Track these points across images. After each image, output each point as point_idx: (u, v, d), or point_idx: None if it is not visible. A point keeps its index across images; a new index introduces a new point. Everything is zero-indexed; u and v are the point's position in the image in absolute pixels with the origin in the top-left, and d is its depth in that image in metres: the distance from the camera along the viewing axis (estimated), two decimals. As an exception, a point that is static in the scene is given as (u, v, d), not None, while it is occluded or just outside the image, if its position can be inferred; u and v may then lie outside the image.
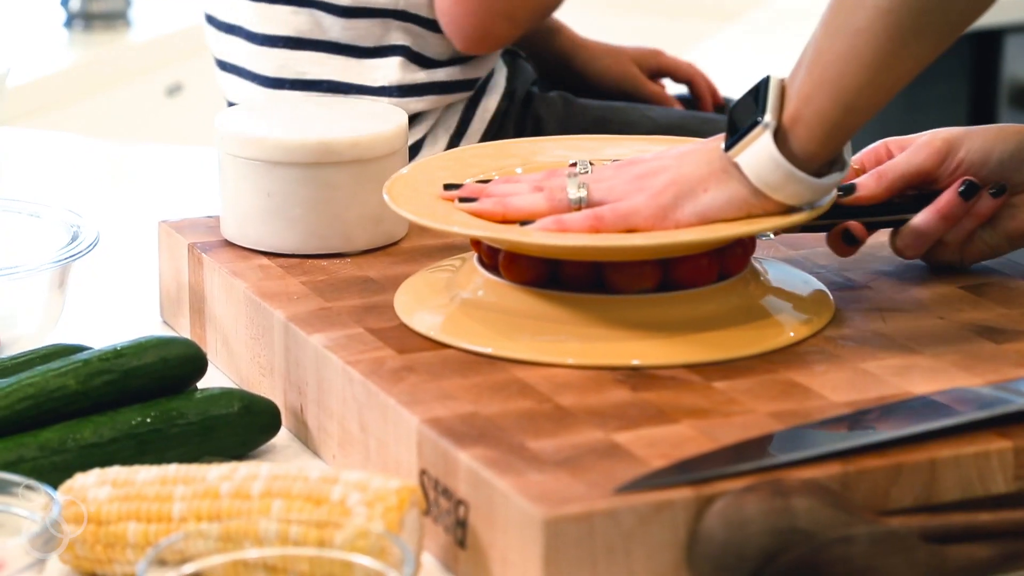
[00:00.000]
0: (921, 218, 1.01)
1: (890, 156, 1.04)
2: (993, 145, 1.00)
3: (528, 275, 0.96)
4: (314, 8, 1.34)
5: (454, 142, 1.36)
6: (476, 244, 1.00)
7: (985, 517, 0.82)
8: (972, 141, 1.00)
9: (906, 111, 2.41)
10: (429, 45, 1.34)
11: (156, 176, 1.55)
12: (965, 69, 2.47)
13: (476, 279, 0.99)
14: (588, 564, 0.78)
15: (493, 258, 0.98)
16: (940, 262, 1.03)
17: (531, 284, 0.96)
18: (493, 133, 1.38)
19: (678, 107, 1.50)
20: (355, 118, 1.14)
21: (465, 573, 0.84)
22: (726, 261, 0.97)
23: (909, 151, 1.02)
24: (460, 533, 0.84)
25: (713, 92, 1.54)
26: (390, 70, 1.33)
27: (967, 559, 0.80)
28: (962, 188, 0.99)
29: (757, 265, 1.00)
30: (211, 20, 1.40)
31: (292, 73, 1.35)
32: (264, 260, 1.09)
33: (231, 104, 1.41)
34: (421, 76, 1.34)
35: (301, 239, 1.10)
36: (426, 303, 0.99)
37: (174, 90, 2.20)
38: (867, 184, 1.01)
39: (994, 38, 2.45)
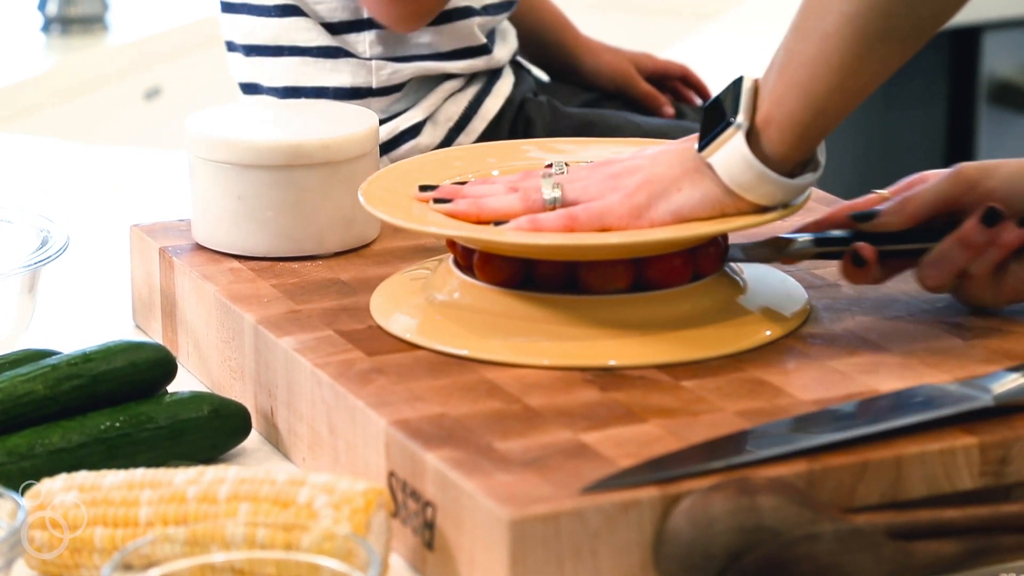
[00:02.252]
0: (941, 246, 0.95)
1: None
2: None
3: (502, 276, 0.96)
4: None
5: (452, 136, 1.36)
6: (452, 246, 1.00)
7: (951, 513, 0.82)
8: (1003, 171, 0.95)
9: (885, 109, 2.41)
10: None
11: (132, 180, 1.55)
12: (944, 67, 2.47)
13: (451, 281, 0.99)
14: (555, 564, 0.79)
15: (468, 260, 0.98)
16: (972, 301, 0.96)
17: (505, 285, 0.96)
18: (489, 134, 1.38)
19: (669, 108, 1.51)
20: (325, 120, 1.14)
21: (433, 575, 0.84)
22: (700, 261, 0.97)
23: (937, 179, 0.96)
24: (428, 535, 0.84)
25: (704, 90, 1.55)
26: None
27: (933, 555, 0.80)
28: (984, 214, 0.93)
29: (731, 265, 1.00)
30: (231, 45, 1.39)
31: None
32: (235, 263, 1.09)
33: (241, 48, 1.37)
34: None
35: (272, 242, 1.10)
36: (402, 305, 1.00)
37: (152, 94, 2.19)
38: (890, 211, 0.96)
39: (972, 35, 2.46)
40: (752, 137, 0.91)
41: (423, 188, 1.01)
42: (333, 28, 1.32)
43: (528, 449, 0.84)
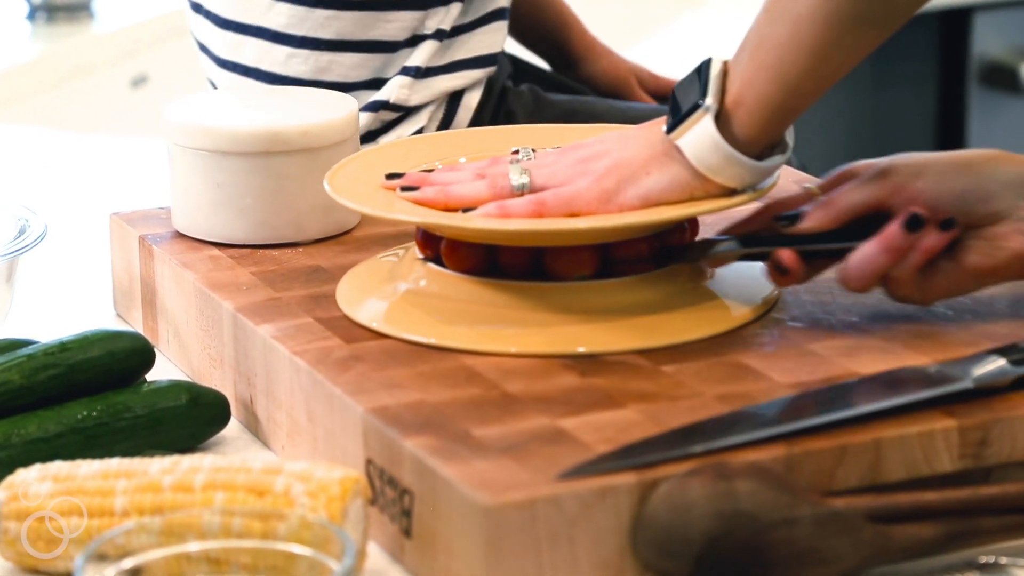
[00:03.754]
0: (863, 250, 0.92)
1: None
2: (955, 175, 0.91)
3: (468, 263, 0.96)
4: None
5: (441, 128, 1.36)
6: (419, 236, 1.00)
7: (931, 496, 0.81)
8: (932, 170, 0.93)
9: (876, 90, 2.40)
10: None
11: (114, 168, 1.54)
12: (934, 48, 2.47)
13: (418, 269, 0.98)
14: (531, 551, 0.78)
15: (432, 248, 0.98)
16: (900, 300, 0.94)
17: (472, 273, 0.96)
18: (473, 124, 1.38)
19: None
20: (304, 106, 1.13)
21: (411, 563, 0.84)
22: (667, 245, 0.96)
23: (863, 178, 0.93)
24: (406, 522, 0.84)
25: None
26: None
27: (912, 538, 0.80)
28: (907, 220, 0.91)
29: (700, 249, 1.00)
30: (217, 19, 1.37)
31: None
32: (215, 251, 1.09)
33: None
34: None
35: (252, 229, 1.09)
36: (368, 294, 0.99)
37: (139, 81, 2.19)
38: (815, 213, 0.93)
39: (963, 16, 2.45)
40: (721, 119, 0.91)
41: (390, 176, 1.00)
42: None
43: (506, 436, 0.84)
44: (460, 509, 0.79)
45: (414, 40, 1.32)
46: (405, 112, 1.33)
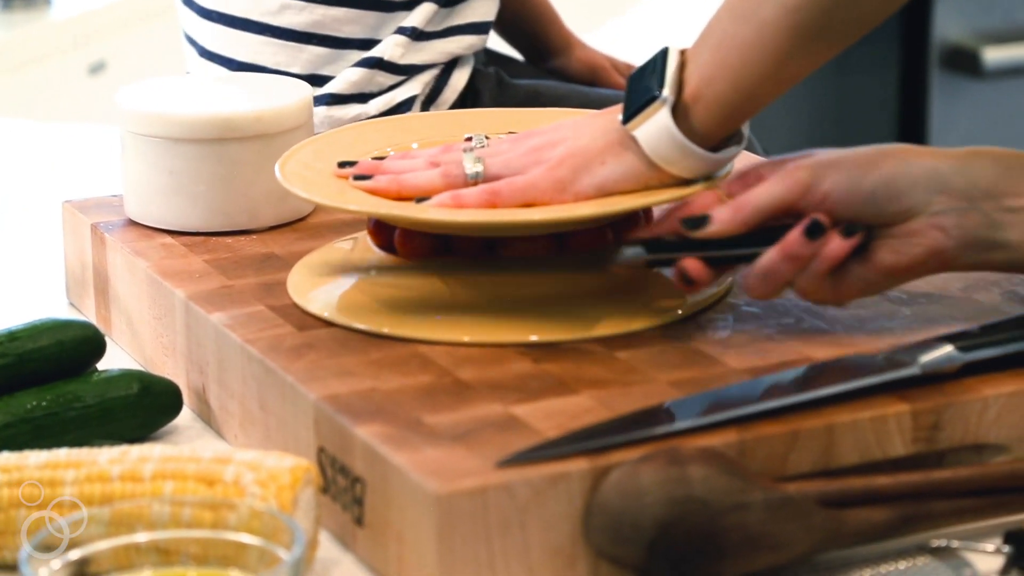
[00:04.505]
0: (765, 259, 0.89)
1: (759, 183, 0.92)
2: (864, 174, 0.88)
3: (421, 252, 0.95)
4: None
5: (425, 109, 1.36)
6: (370, 224, 0.99)
7: (883, 480, 0.81)
8: (840, 170, 0.88)
9: (838, 75, 2.41)
10: None
11: (71, 156, 1.53)
12: (896, 32, 2.47)
13: (370, 257, 0.98)
14: (483, 539, 0.78)
15: (385, 237, 0.97)
16: (812, 302, 0.91)
17: (425, 261, 0.95)
18: (459, 105, 1.37)
19: None
20: (258, 93, 1.12)
21: (363, 551, 0.83)
22: (621, 233, 0.96)
23: (771, 180, 0.89)
24: (357, 511, 0.83)
25: None
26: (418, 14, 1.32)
27: (864, 523, 0.80)
28: (807, 227, 0.88)
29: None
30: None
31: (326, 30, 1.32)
32: (168, 239, 1.08)
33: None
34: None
35: (205, 216, 1.08)
36: (320, 282, 0.98)
37: (97, 68, 2.17)
38: (721, 217, 0.89)
39: (924, 1, 2.46)
40: (678, 112, 0.90)
41: (342, 164, 0.99)
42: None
43: (458, 423, 0.83)
44: (411, 497, 0.79)
45: (411, 3, 1.31)
46: (398, 75, 1.32)
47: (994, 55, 2.43)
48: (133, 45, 2.17)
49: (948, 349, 0.85)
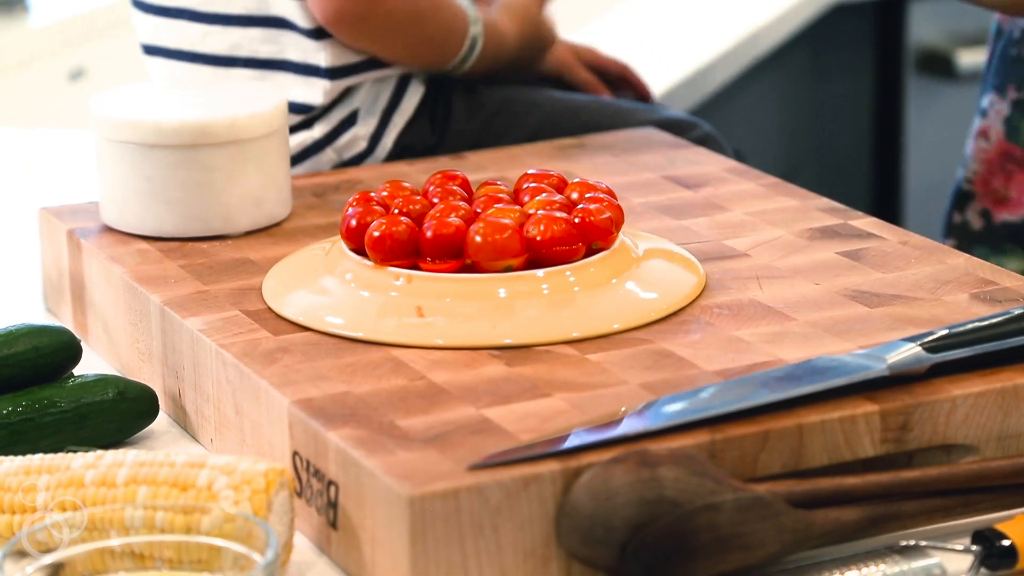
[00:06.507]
0: None
1: None
2: None
3: (394, 256, 0.96)
4: None
5: (386, 117, 1.35)
6: (344, 229, 0.99)
7: (852, 481, 0.82)
8: None
9: (812, 79, 2.41)
10: None
11: (46, 161, 1.53)
12: (870, 36, 2.48)
13: (344, 262, 0.98)
14: (456, 541, 0.78)
15: (358, 241, 0.98)
16: None
17: (398, 266, 0.96)
18: (416, 116, 1.37)
19: (607, 95, 1.51)
20: (232, 99, 1.13)
21: (337, 554, 0.84)
22: (591, 236, 0.96)
23: None
24: (332, 514, 0.84)
25: (643, 89, 1.54)
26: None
27: (834, 523, 0.81)
28: None
29: (627, 240, 1.00)
30: (141, 5, 1.37)
31: (246, 52, 1.32)
32: (143, 244, 1.08)
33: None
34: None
35: (181, 222, 1.09)
36: (294, 287, 0.99)
37: (77, 75, 2.17)
38: None
39: (898, 4, 2.47)
40: None
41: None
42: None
43: (431, 426, 0.84)
44: (384, 500, 0.79)
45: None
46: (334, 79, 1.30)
47: (968, 58, 2.44)
48: (113, 52, 2.16)
49: (916, 350, 0.86)
